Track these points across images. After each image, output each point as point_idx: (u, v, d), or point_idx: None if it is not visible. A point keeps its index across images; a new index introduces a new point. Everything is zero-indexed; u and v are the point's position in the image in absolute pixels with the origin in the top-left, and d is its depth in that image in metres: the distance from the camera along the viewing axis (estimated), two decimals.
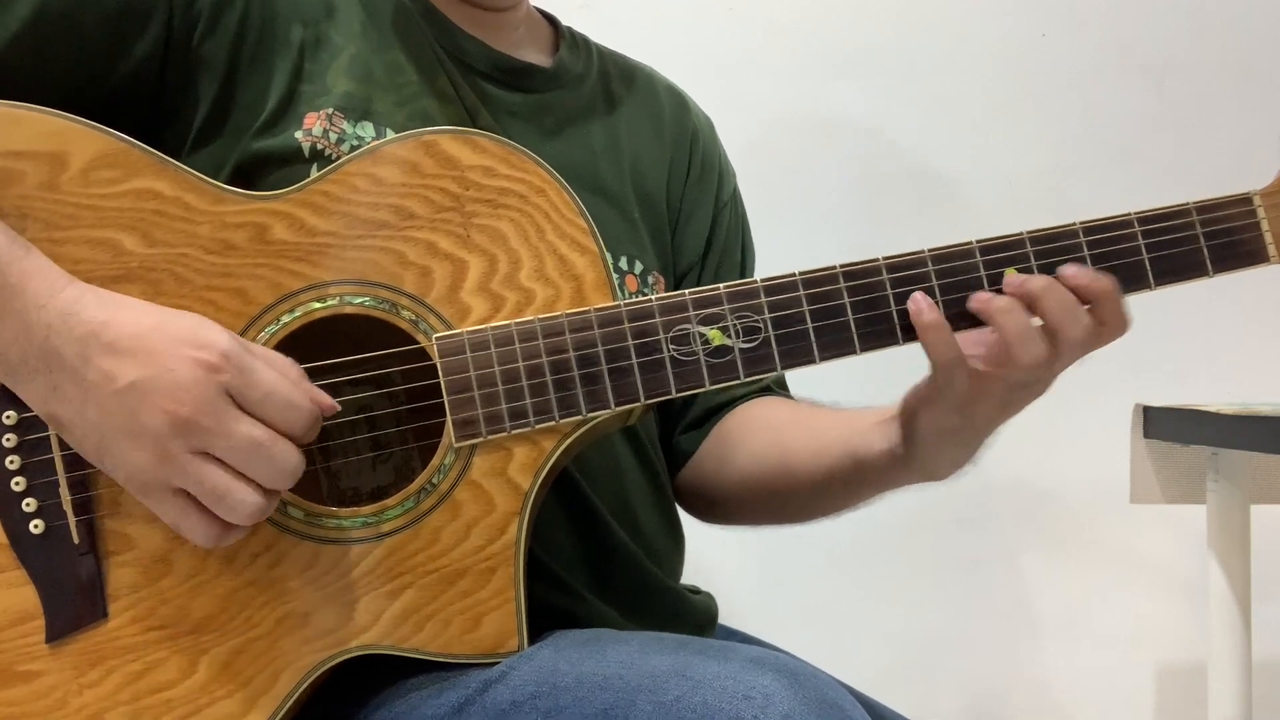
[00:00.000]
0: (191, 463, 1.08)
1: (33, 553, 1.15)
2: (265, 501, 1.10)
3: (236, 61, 1.30)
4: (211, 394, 1.07)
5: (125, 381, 1.08)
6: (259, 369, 1.10)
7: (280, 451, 1.09)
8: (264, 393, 1.09)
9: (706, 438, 1.57)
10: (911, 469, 1.33)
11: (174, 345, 1.09)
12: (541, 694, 1.12)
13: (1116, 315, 1.20)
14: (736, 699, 1.03)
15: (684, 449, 1.58)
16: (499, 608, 1.17)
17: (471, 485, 1.18)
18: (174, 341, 1.09)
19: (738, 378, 1.20)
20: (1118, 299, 1.20)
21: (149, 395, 1.07)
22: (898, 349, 1.22)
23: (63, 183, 1.16)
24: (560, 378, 1.18)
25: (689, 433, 1.59)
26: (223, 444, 1.08)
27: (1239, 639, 2.08)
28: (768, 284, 1.21)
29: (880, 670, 1.51)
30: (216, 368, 1.08)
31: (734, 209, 1.68)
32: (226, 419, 1.08)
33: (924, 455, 1.30)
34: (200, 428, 1.07)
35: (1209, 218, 1.25)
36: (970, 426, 1.25)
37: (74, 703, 1.14)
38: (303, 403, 1.11)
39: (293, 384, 1.12)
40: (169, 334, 1.10)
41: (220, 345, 1.09)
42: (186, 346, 1.08)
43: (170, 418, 1.07)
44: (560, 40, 1.58)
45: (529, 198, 1.21)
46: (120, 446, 1.09)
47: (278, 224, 1.19)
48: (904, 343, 1.21)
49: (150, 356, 1.08)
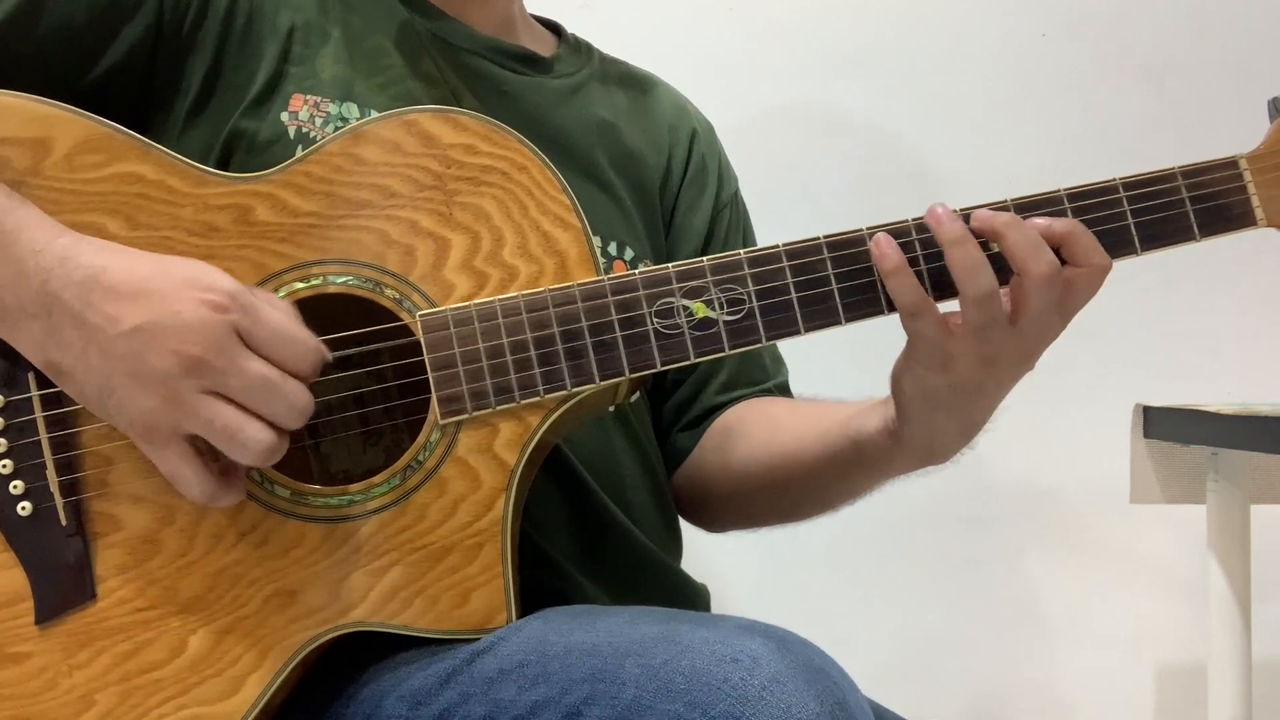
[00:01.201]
0: (203, 402, 1.08)
1: (21, 535, 1.15)
2: (277, 440, 1.10)
3: (225, 45, 1.31)
4: (221, 334, 1.08)
5: (130, 325, 1.08)
6: (264, 309, 1.11)
7: (292, 388, 1.10)
8: (270, 330, 1.10)
9: (705, 434, 1.57)
10: (906, 447, 1.31)
11: (179, 287, 1.09)
12: (529, 662, 1.12)
13: (1091, 253, 1.18)
14: (724, 662, 1.03)
15: (682, 446, 1.58)
16: (487, 583, 1.17)
17: (457, 462, 1.18)
18: (178, 284, 1.09)
19: (722, 350, 1.19)
20: (1089, 237, 1.18)
21: (157, 337, 1.07)
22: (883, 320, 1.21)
23: (46, 168, 1.17)
24: (544, 352, 1.18)
25: (687, 431, 1.59)
26: (236, 382, 1.08)
27: (1239, 639, 2.07)
28: (751, 255, 1.20)
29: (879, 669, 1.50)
30: (224, 307, 1.08)
31: (734, 211, 1.68)
32: (238, 357, 1.08)
33: (916, 427, 1.27)
34: (212, 367, 1.07)
35: (1195, 182, 1.24)
36: (957, 390, 1.22)
37: (64, 683, 1.14)
38: (309, 339, 1.12)
39: (298, 322, 1.13)
40: (172, 277, 1.10)
41: (225, 286, 1.10)
42: (192, 289, 1.09)
43: (180, 359, 1.07)
44: (562, 42, 1.59)
45: (511, 174, 1.21)
46: (125, 390, 1.09)
47: (260, 205, 1.20)
48: (889, 312, 1.20)
49: (155, 298, 1.09)
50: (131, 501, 1.16)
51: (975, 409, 1.27)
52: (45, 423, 1.16)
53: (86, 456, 1.16)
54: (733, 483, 1.54)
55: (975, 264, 1.16)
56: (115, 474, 1.16)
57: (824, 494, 1.49)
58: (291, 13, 1.34)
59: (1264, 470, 2.12)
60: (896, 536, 2.41)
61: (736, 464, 1.52)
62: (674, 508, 1.55)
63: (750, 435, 1.52)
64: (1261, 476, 2.12)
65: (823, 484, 1.46)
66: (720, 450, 1.55)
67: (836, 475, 1.43)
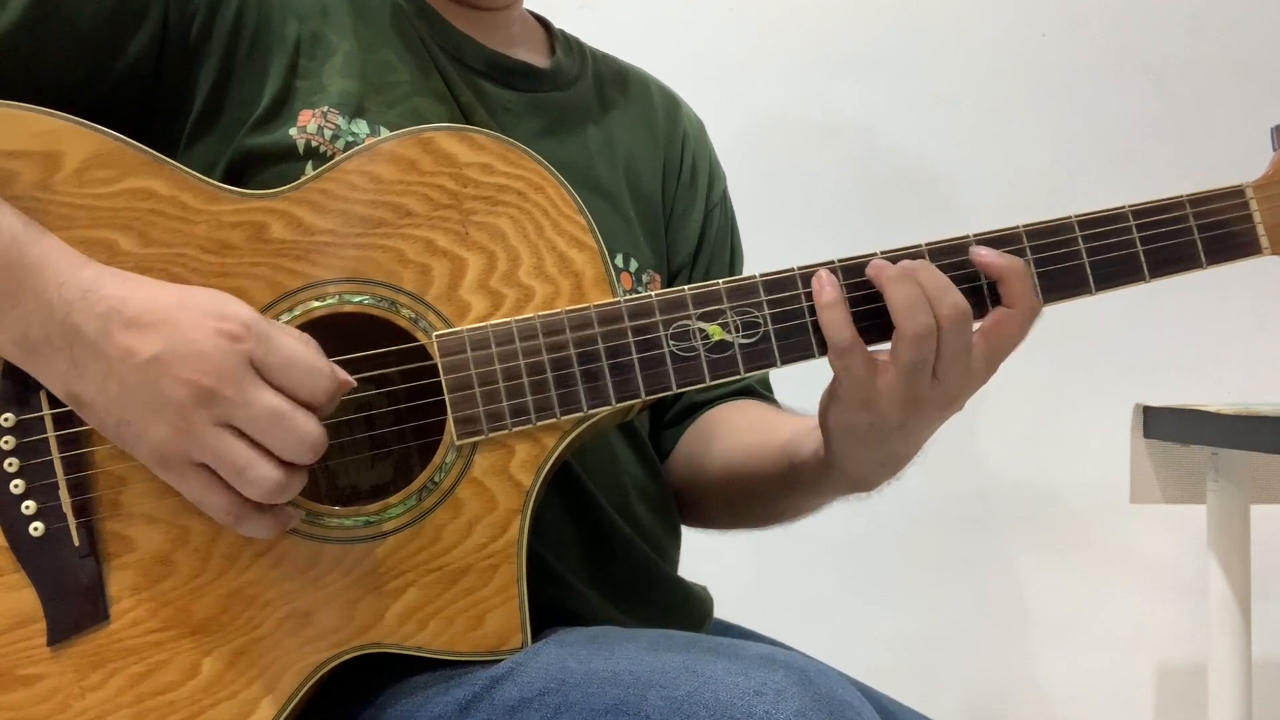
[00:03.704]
0: (213, 434, 1.07)
1: (33, 555, 1.14)
2: (285, 478, 1.09)
3: (232, 58, 1.29)
4: (234, 364, 1.07)
5: (148, 354, 1.07)
6: (280, 338, 1.10)
7: (301, 421, 1.09)
8: (285, 358, 1.09)
9: (683, 436, 1.58)
10: (835, 474, 1.33)
11: (196, 316, 1.09)
12: (550, 690, 1.12)
13: (1026, 295, 1.19)
14: (748, 695, 1.03)
15: (663, 446, 1.59)
16: (502, 605, 1.17)
17: (473, 483, 1.18)
18: (196, 313, 1.09)
19: (738, 373, 1.20)
20: (1027, 279, 1.20)
21: (171, 366, 1.07)
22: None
23: (56, 183, 1.16)
24: (561, 374, 1.18)
25: (669, 430, 1.60)
26: (243, 414, 1.07)
27: (1239, 639, 2.07)
28: (766, 279, 1.20)
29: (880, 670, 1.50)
30: (238, 337, 1.08)
31: (723, 209, 1.69)
32: (248, 388, 1.07)
33: (841, 457, 1.29)
34: (222, 397, 1.07)
35: (1202, 210, 1.26)
36: (879, 428, 1.23)
37: (76, 706, 1.14)
38: (325, 368, 1.11)
39: (315, 352, 1.12)
40: (190, 306, 1.10)
41: (242, 316, 1.09)
42: (208, 318, 1.08)
43: (193, 388, 1.06)
44: (554, 42, 1.58)
45: (527, 194, 1.20)
46: (142, 420, 1.09)
47: (275, 222, 1.19)
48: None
49: (172, 328, 1.08)
50: (145, 522, 1.15)
51: (899, 446, 1.28)
52: (58, 442, 1.15)
53: (99, 476, 1.15)
54: (703, 489, 1.56)
55: (914, 302, 1.17)
56: (128, 494, 1.15)
57: (770, 510, 1.52)
58: (299, 23, 1.33)
59: (1264, 470, 2.13)
60: (897, 537, 2.42)
61: (706, 473, 1.54)
62: (674, 510, 1.55)
63: (716, 446, 1.54)
64: (1261, 476, 2.13)
65: (767, 499, 1.49)
66: (694, 457, 1.56)
67: (779, 493, 1.46)
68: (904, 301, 1.17)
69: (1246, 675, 2.07)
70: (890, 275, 1.17)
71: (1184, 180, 2.38)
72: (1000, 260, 1.19)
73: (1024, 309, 1.20)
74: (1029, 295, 1.20)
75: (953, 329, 1.17)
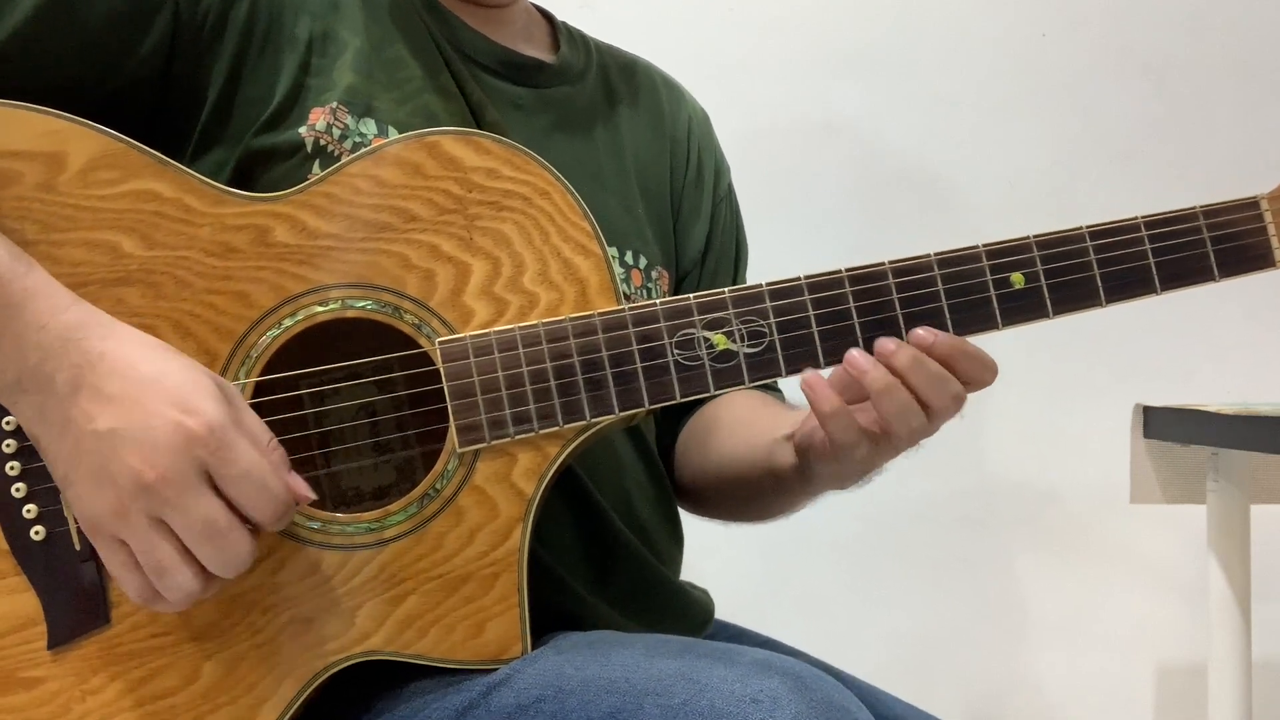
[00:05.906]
0: (144, 527, 1.05)
1: (34, 559, 1.14)
2: (201, 589, 1.07)
3: (244, 56, 1.28)
4: (183, 465, 1.05)
5: (105, 427, 1.05)
6: (241, 446, 1.07)
7: (232, 541, 1.06)
8: (240, 471, 1.06)
9: (684, 430, 1.58)
10: (815, 484, 1.35)
11: (161, 403, 1.06)
12: (547, 697, 1.12)
13: (985, 373, 1.21)
14: (744, 702, 1.03)
15: (664, 441, 1.59)
16: (502, 614, 1.17)
17: (475, 490, 1.17)
18: (163, 398, 1.06)
19: (743, 382, 1.20)
20: (977, 356, 1.20)
21: (122, 446, 1.05)
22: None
23: (60, 184, 1.15)
24: (564, 382, 1.18)
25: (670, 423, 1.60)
26: (179, 519, 1.05)
27: (1239, 639, 2.07)
28: (773, 288, 1.20)
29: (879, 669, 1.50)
30: (198, 438, 1.05)
31: (729, 204, 1.68)
32: (189, 494, 1.05)
33: (817, 474, 1.31)
34: (161, 497, 1.04)
35: (1215, 222, 1.24)
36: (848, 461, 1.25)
37: (76, 709, 1.14)
38: (278, 489, 1.08)
39: (272, 468, 1.08)
40: (161, 388, 1.07)
41: (208, 414, 1.06)
42: (173, 407, 1.05)
43: (136, 477, 1.04)
44: (559, 36, 1.57)
45: (533, 200, 1.20)
46: (83, 485, 1.07)
47: (279, 226, 1.18)
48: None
49: (133, 407, 1.05)
50: None
51: (869, 467, 1.29)
52: None
53: None
54: (703, 482, 1.56)
55: (905, 409, 1.18)
56: None
57: (767, 508, 1.52)
58: (310, 21, 1.32)
59: (1264, 470, 2.12)
60: (897, 537, 2.42)
61: (706, 466, 1.54)
62: (678, 513, 1.55)
63: (713, 440, 1.54)
64: (1261, 476, 2.12)
65: (755, 498, 1.49)
66: (695, 451, 1.56)
67: (767, 491, 1.46)
68: (895, 412, 1.18)
69: (1246, 675, 2.07)
70: (878, 390, 1.18)
71: (1185, 181, 2.40)
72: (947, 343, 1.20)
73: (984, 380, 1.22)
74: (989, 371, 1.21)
75: (945, 412, 1.20)
